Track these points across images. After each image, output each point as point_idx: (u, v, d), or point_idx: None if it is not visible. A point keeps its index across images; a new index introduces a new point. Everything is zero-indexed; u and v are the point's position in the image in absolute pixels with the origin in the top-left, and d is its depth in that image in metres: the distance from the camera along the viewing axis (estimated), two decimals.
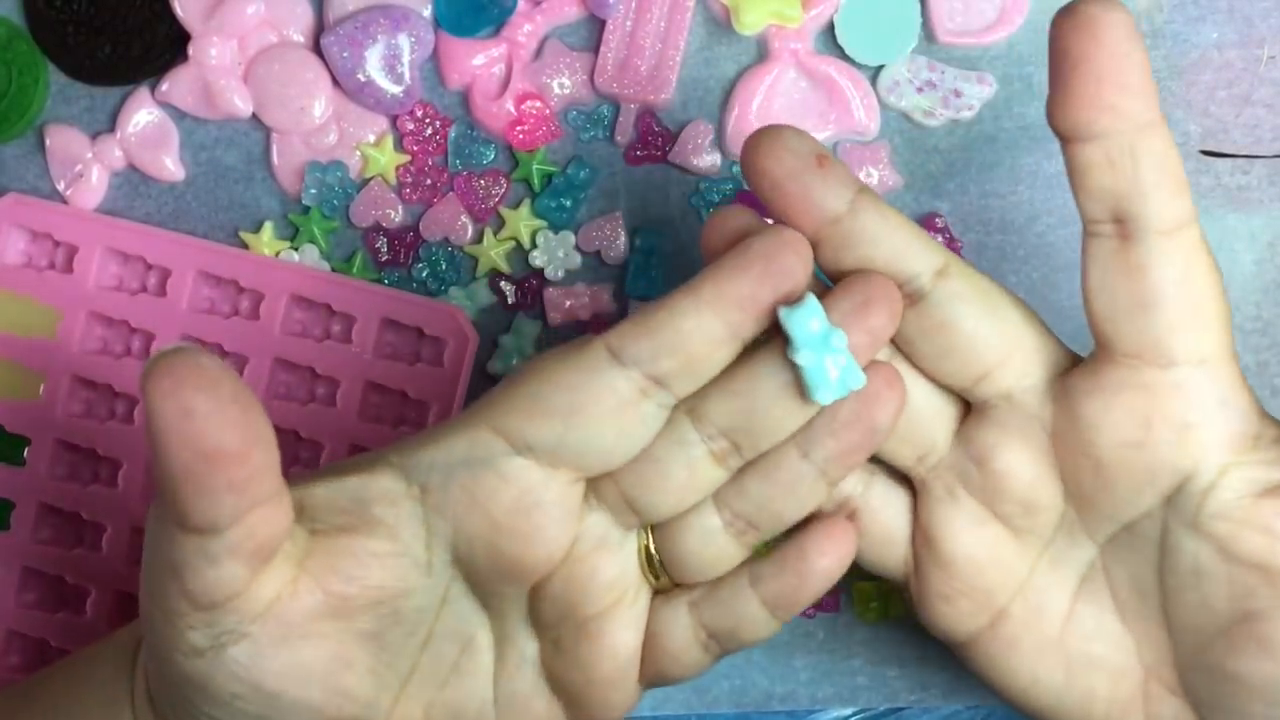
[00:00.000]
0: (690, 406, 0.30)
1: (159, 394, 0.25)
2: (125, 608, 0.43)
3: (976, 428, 0.31)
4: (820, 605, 0.42)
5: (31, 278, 0.43)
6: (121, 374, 0.43)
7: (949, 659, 0.42)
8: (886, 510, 0.32)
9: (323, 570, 0.29)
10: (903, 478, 0.33)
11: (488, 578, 0.30)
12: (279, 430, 0.42)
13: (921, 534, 0.32)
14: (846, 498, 0.32)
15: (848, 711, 0.42)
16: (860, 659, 0.42)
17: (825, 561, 0.31)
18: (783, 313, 0.28)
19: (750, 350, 0.30)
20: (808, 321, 0.28)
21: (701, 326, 0.28)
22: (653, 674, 0.32)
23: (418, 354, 0.42)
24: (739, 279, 0.28)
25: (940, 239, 0.42)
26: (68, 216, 0.43)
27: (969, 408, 0.32)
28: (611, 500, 0.30)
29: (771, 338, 0.29)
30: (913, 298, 0.30)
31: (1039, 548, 0.31)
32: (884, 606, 0.42)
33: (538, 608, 0.31)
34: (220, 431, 0.25)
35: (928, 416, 0.31)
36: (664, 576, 0.32)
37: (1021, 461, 0.30)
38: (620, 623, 0.31)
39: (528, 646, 0.31)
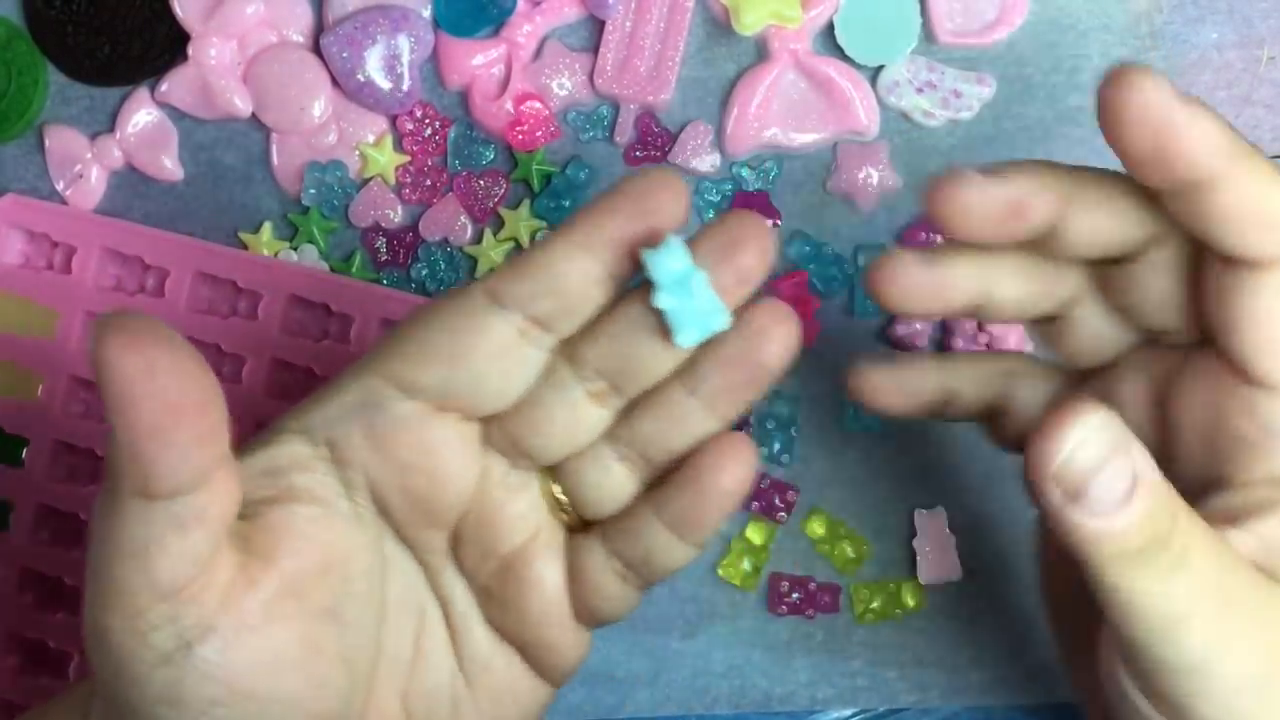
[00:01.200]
0: (567, 351, 0.30)
1: (118, 352, 0.24)
2: None
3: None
4: (820, 606, 0.42)
5: (30, 278, 0.43)
6: None
7: (948, 660, 0.42)
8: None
9: (265, 550, 0.29)
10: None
11: (408, 520, 0.31)
12: None
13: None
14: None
15: (847, 712, 0.42)
16: (860, 660, 0.42)
17: (723, 478, 0.31)
18: (644, 254, 0.28)
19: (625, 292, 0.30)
20: (668, 263, 0.28)
21: (576, 267, 0.28)
22: (585, 613, 0.32)
23: None
24: (611, 218, 0.28)
25: (940, 239, 0.42)
26: (66, 217, 0.43)
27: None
28: (502, 445, 0.31)
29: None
30: None
31: None
32: (883, 608, 0.42)
33: (460, 553, 0.32)
34: (185, 384, 0.25)
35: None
36: (572, 514, 0.32)
37: None
38: (540, 560, 0.32)
39: (467, 605, 0.32)
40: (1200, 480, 0.29)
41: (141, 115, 0.44)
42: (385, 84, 0.42)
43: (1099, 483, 0.25)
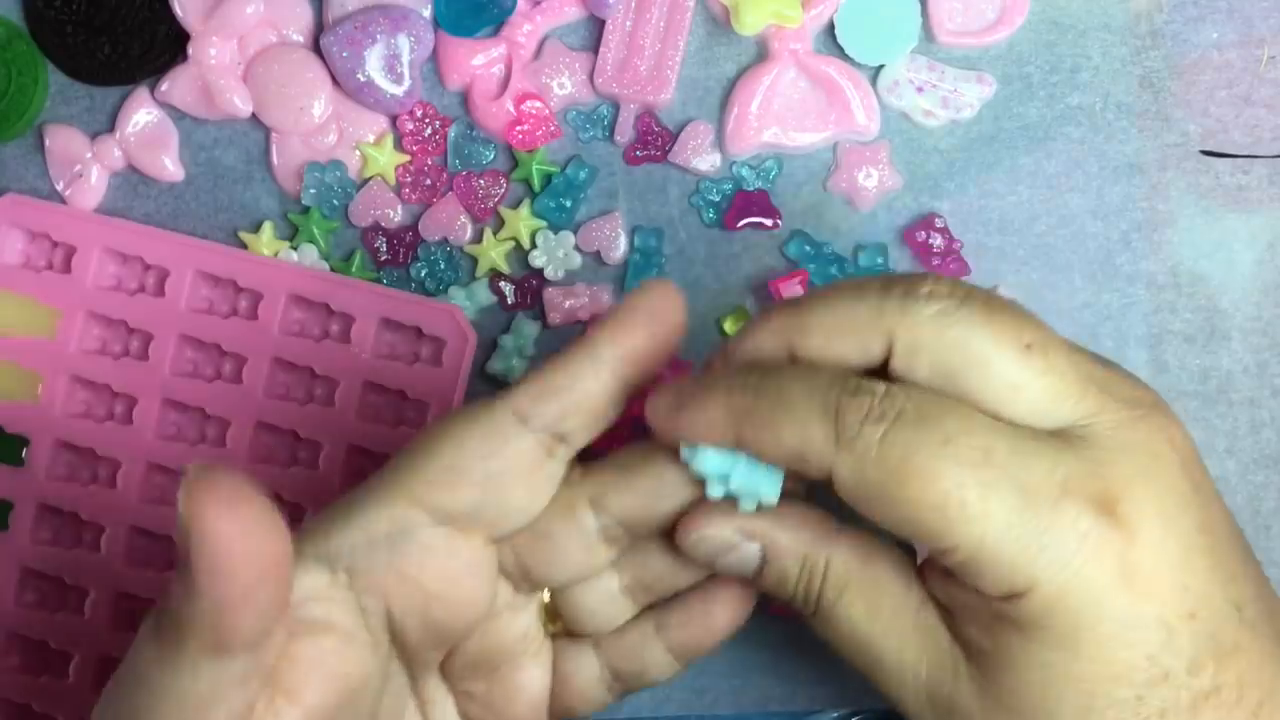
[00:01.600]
0: (592, 495, 0.31)
1: (212, 515, 0.24)
2: (123, 608, 0.43)
3: None
4: None
5: (30, 278, 0.43)
6: (120, 374, 0.42)
7: None
8: None
9: (290, 685, 0.28)
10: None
11: (419, 645, 0.31)
12: (279, 431, 0.42)
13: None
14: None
15: (847, 712, 0.42)
16: None
17: (728, 616, 0.33)
18: (685, 454, 0.30)
19: (653, 448, 0.31)
20: (708, 462, 0.30)
21: (599, 385, 0.30)
22: (560, 710, 0.33)
23: (416, 354, 0.42)
24: (625, 334, 0.30)
25: (940, 239, 0.42)
26: (66, 216, 0.43)
27: None
28: (511, 569, 0.31)
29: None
30: None
31: None
32: None
33: (450, 664, 0.32)
34: (273, 545, 0.25)
35: None
36: (560, 623, 0.33)
37: None
38: (529, 667, 0.32)
39: (445, 704, 0.33)
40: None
41: (141, 115, 0.44)
42: (385, 84, 0.42)
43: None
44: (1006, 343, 0.28)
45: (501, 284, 0.43)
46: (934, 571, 0.30)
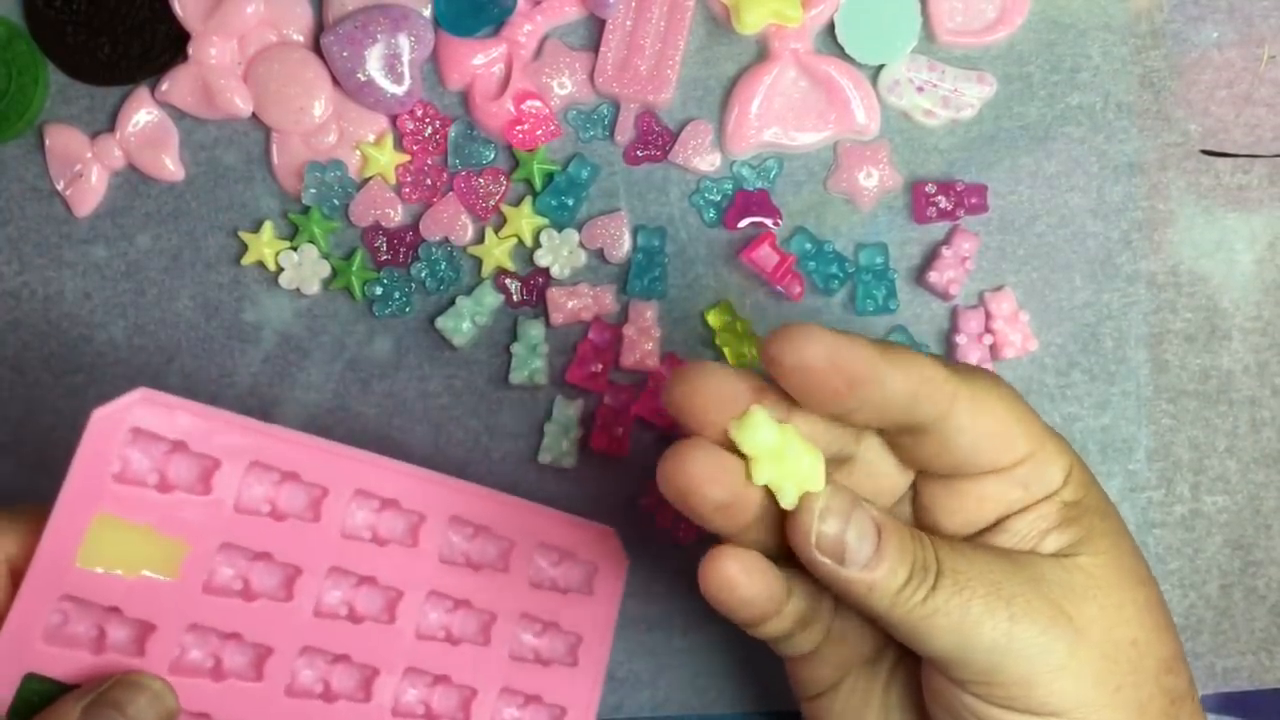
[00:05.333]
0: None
1: None
2: None
3: None
4: None
5: (152, 499, 0.33)
6: (253, 621, 0.34)
7: None
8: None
9: None
10: None
11: None
12: (425, 676, 0.37)
13: None
14: None
15: None
16: None
17: None
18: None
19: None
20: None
21: None
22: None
23: (565, 582, 0.40)
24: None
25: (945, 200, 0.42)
26: (208, 421, 0.34)
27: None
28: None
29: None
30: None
31: None
32: None
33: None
34: None
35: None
36: None
37: None
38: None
39: None
40: None
41: (141, 115, 0.44)
42: (386, 83, 0.42)
43: (851, 538, 0.30)
44: None
45: (507, 281, 0.43)
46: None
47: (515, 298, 0.43)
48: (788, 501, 0.30)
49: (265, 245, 0.43)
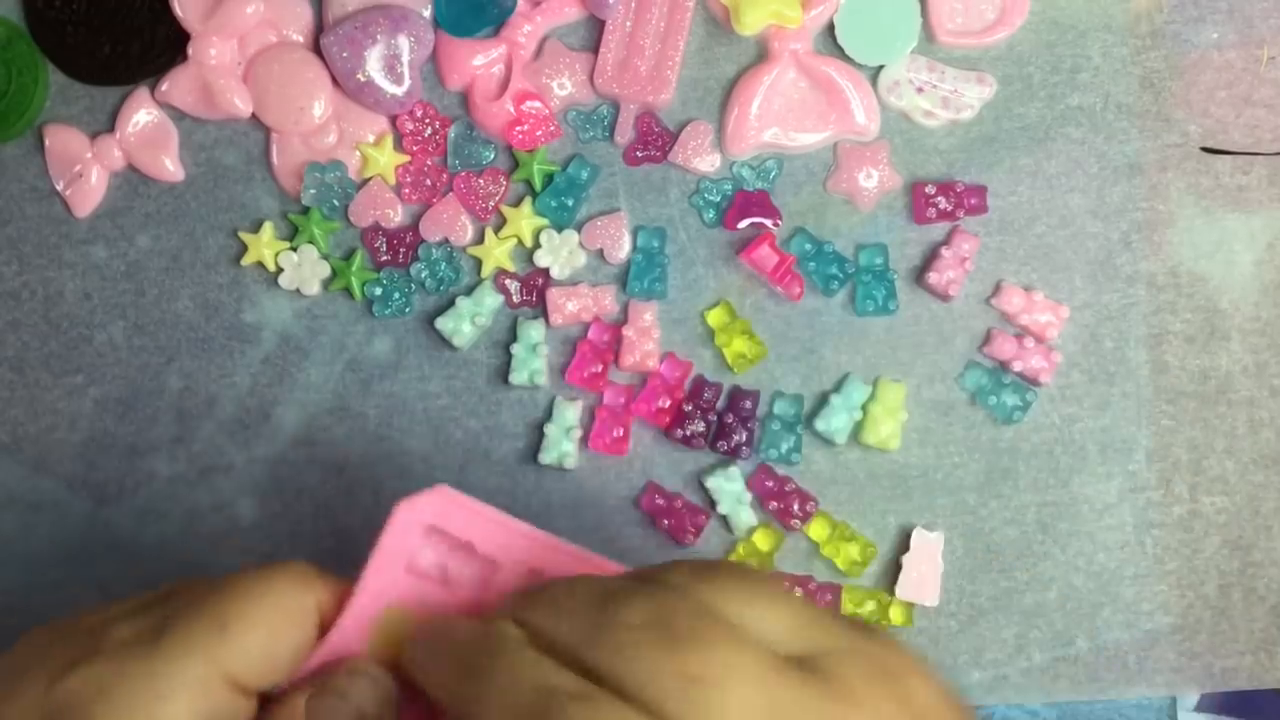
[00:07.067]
0: None
1: None
2: None
3: None
4: (821, 605, 0.42)
5: (435, 593, 0.32)
6: None
7: (948, 659, 0.42)
8: None
9: None
10: None
11: None
12: None
13: None
14: None
15: None
16: None
17: None
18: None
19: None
20: None
21: None
22: None
23: None
24: None
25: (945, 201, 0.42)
26: (497, 526, 0.32)
27: None
28: None
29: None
30: None
31: None
32: (879, 610, 0.42)
33: None
34: None
35: None
36: None
37: None
38: None
39: None
40: None
41: (141, 115, 0.44)
42: (385, 84, 0.42)
43: None
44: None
45: (507, 282, 0.43)
46: None
47: (515, 298, 0.43)
48: None
49: (265, 246, 0.43)
